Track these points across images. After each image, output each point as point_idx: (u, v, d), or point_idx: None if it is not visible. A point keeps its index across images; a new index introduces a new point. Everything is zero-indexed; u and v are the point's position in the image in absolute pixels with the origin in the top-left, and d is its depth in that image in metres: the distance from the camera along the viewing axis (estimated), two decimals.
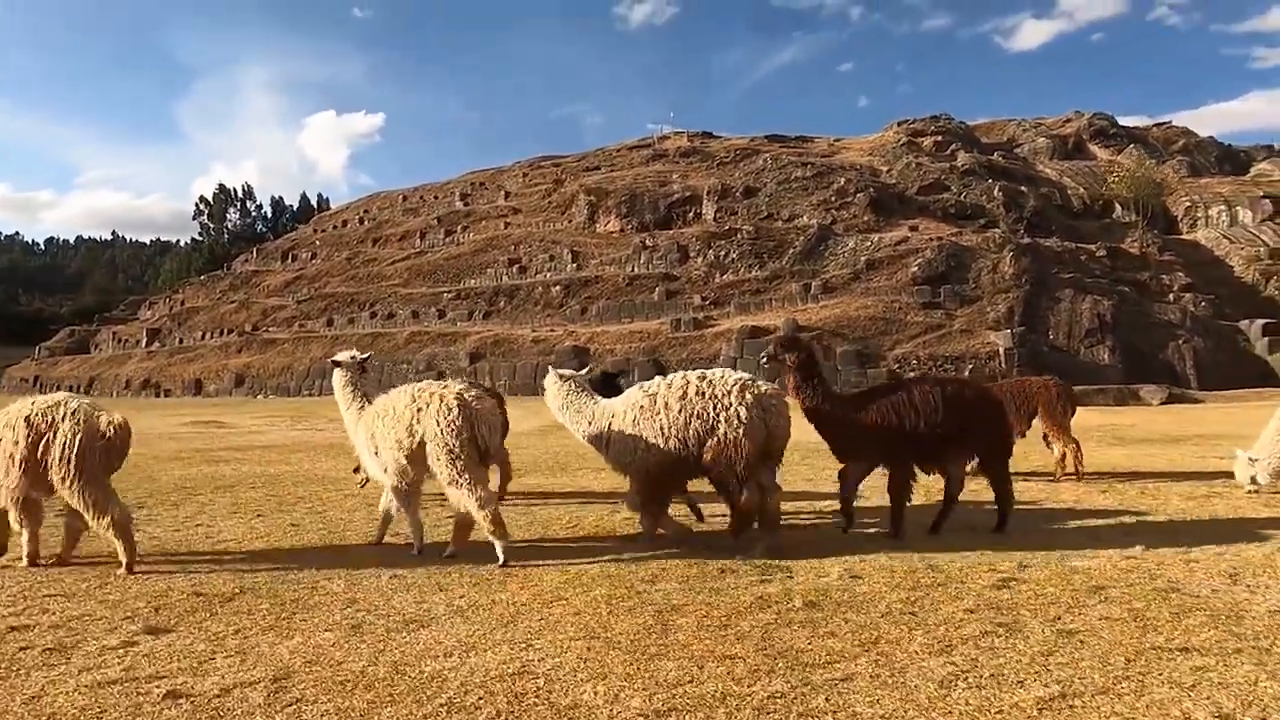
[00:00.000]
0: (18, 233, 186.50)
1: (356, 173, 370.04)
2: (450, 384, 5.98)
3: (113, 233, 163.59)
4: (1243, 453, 8.48)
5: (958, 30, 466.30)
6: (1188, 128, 60.31)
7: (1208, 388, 30.24)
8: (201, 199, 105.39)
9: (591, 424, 6.46)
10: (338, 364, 6.80)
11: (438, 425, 5.59)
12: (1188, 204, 46.70)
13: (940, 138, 54.68)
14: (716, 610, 4.47)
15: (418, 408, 5.75)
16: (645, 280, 42.57)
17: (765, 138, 60.29)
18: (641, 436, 6.06)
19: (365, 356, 6.98)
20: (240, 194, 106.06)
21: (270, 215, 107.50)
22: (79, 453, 5.32)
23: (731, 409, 5.77)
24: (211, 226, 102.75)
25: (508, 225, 55.34)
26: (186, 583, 5.22)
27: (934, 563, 5.46)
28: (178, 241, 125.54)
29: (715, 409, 5.82)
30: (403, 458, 5.81)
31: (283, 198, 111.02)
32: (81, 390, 53.59)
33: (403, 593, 4.93)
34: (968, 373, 29.63)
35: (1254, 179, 49.90)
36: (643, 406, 6.12)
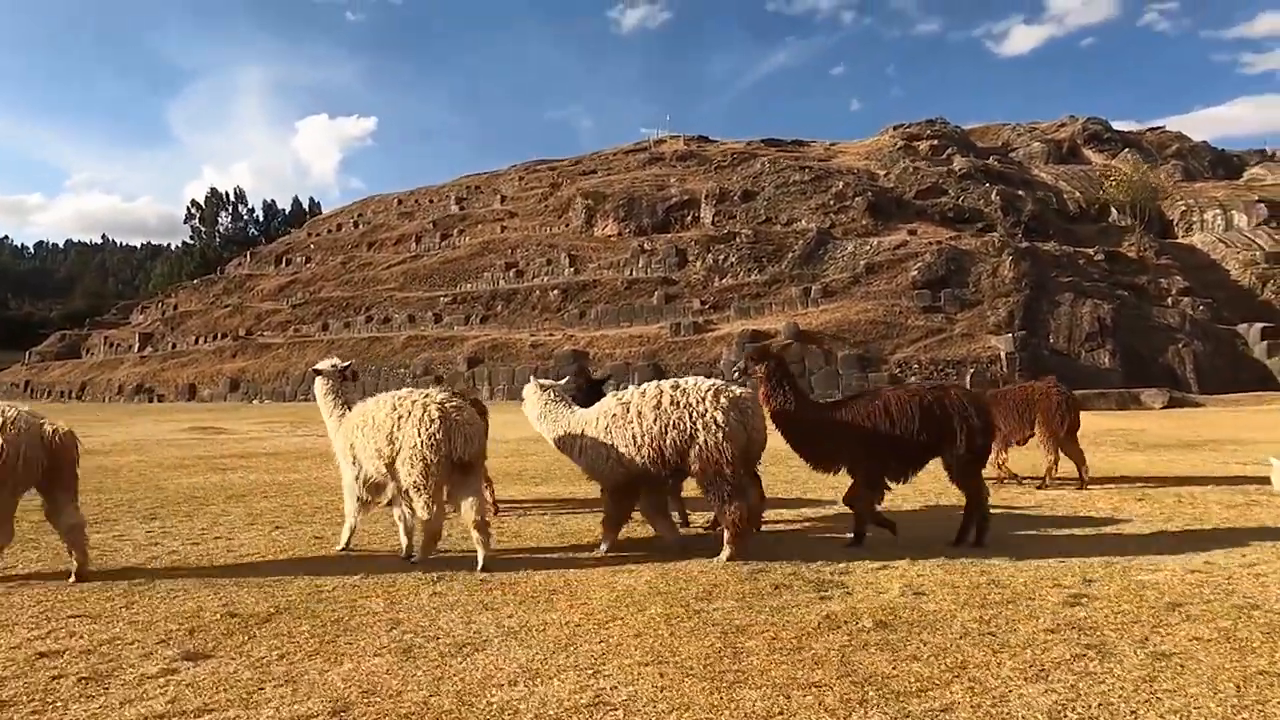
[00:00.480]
0: (7, 236, 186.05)
1: (349, 177, 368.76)
2: (431, 393, 5.92)
3: (103, 236, 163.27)
4: (1277, 460, 8.37)
5: (948, 34, 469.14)
6: (1181, 132, 60.66)
7: (1208, 391, 30.29)
8: (193, 202, 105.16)
9: (566, 432, 6.39)
10: (319, 372, 6.84)
11: (418, 435, 5.60)
12: (1183, 208, 46.84)
13: (936, 142, 54.81)
14: (784, 631, 4.25)
15: (399, 416, 5.73)
16: (644, 284, 42.35)
17: (762, 141, 60.23)
18: (613, 445, 6.02)
19: (347, 365, 7.01)
20: (232, 197, 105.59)
21: (262, 219, 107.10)
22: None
23: (708, 415, 5.76)
24: (203, 230, 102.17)
25: (504, 229, 55.03)
26: (217, 601, 4.97)
27: (994, 577, 5.26)
28: (168, 245, 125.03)
29: (691, 417, 5.79)
30: (383, 466, 5.81)
31: (275, 201, 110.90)
32: (73, 396, 53.04)
33: (447, 612, 4.71)
34: (969, 376, 29.58)
35: (1248, 183, 50.14)
36: (615, 415, 6.08)
